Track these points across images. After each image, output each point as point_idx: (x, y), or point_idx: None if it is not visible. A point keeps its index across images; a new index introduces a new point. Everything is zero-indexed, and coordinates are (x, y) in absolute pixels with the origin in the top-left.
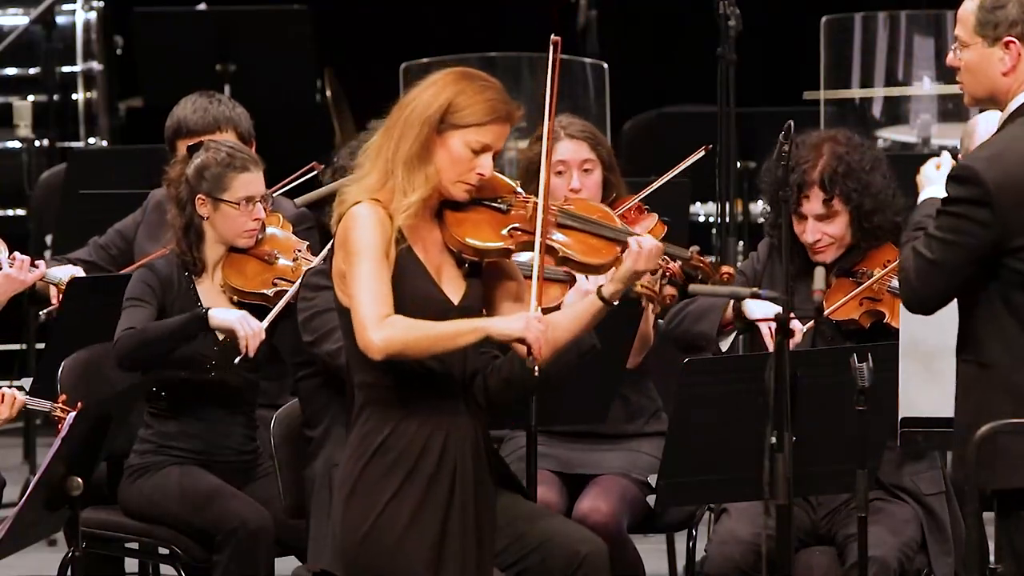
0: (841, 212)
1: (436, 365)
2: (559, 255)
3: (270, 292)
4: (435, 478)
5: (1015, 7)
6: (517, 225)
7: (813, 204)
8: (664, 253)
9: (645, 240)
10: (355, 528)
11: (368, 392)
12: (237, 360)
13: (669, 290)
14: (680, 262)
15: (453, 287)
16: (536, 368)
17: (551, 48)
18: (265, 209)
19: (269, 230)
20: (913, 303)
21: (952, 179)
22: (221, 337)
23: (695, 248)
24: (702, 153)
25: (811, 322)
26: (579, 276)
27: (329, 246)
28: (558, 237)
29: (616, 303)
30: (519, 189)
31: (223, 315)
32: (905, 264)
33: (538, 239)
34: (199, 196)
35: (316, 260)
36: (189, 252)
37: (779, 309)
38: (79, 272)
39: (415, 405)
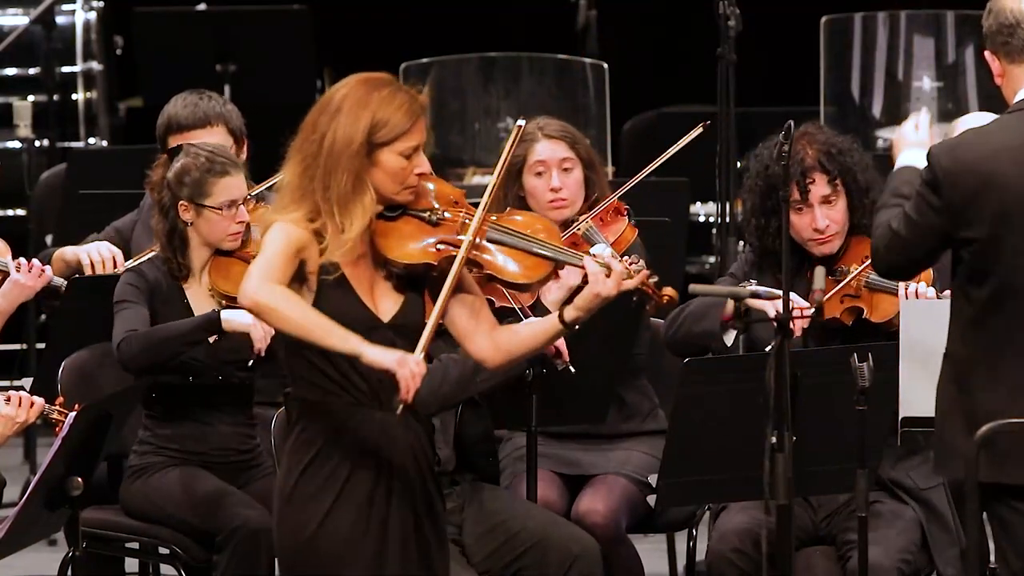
0: (840, 196)
1: (369, 380)
2: (484, 271)
3: None
4: (372, 492)
5: (988, 19)
6: (443, 237)
7: (820, 187)
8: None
9: (610, 262)
10: (291, 543)
11: (301, 406)
12: (251, 362)
13: (668, 290)
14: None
15: (386, 302)
16: (400, 407)
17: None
18: (248, 210)
19: (254, 231)
20: (881, 268)
21: (926, 160)
22: (212, 339)
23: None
24: (700, 130)
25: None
26: (562, 272)
27: None
28: (485, 255)
29: (577, 328)
30: (457, 200)
31: (238, 317)
32: (877, 232)
33: (451, 277)
34: (181, 202)
35: None
36: (174, 257)
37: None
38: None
39: (346, 419)
